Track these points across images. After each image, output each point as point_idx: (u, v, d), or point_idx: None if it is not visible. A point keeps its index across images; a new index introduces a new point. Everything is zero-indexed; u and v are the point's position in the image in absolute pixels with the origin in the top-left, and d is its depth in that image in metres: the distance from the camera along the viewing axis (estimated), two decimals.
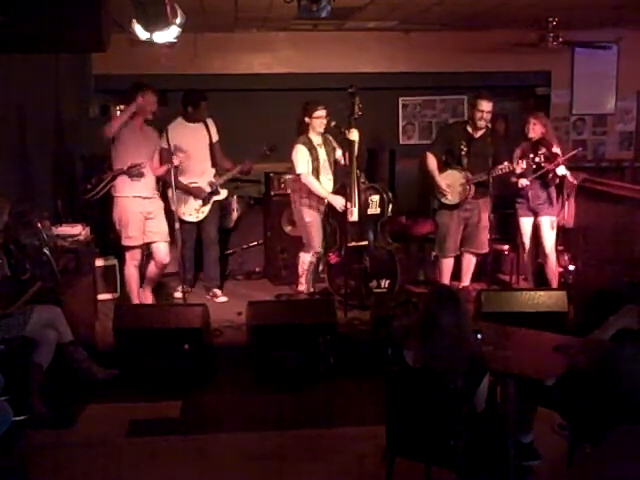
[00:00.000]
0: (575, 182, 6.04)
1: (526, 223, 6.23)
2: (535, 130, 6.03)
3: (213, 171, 6.35)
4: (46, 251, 4.98)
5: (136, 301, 5.90)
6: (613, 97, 8.91)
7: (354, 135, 5.78)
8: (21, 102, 6.06)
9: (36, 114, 6.36)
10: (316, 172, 5.90)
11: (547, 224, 6.11)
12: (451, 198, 6.08)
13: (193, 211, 6.29)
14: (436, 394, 3.16)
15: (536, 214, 6.16)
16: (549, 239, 6.12)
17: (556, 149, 5.98)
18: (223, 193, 6.45)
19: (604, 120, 9.02)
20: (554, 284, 6.10)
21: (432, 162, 6.11)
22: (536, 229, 6.20)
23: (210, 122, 6.43)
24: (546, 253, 6.16)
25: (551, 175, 5.98)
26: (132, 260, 5.83)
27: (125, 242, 5.75)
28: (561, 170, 5.90)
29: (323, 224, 6.06)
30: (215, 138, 6.43)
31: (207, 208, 6.35)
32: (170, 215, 5.96)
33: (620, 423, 3.49)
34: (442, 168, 6.12)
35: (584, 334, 3.85)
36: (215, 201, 6.40)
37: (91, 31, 4.05)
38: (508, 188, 6.28)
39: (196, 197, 6.27)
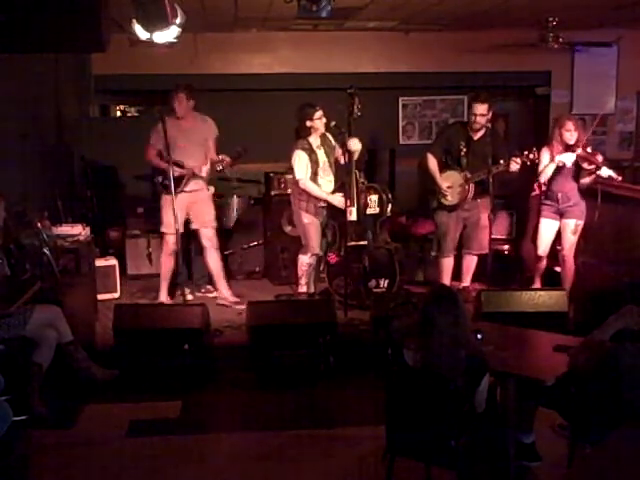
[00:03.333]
0: (619, 178, 5.80)
1: (550, 225, 6.02)
2: (573, 136, 5.76)
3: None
4: (46, 251, 4.98)
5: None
6: (613, 97, 8.92)
7: (355, 145, 5.74)
8: (21, 102, 6.07)
9: (36, 114, 6.37)
10: (315, 175, 5.90)
11: (570, 227, 5.93)
12: (451, 199, 6.08)
13: None
14: (436, 394, 3.16)
15: (562, 215, 5.97)
16: (569, 242, 5.98)
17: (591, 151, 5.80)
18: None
19: (604, 120, 9.02)
20: (568, 285, 5.99)
21: (432, 163, 6.11)
22: (558, 230, 6.03)
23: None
24: (563, 255, 6.03)
25: (588, 175, 5.79)
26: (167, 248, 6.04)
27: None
28: (605, 172, 5.70)
29: (322, 228, 6.05)
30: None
31: None
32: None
33: (620, 423, 3.50)
34: (442, 169, 6.11)
35: (584, 334, 3.85)
36: None
37: (91, 31, 4.06)
38: (508, 188, 6.28)
39: None
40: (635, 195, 5.92)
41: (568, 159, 5.78)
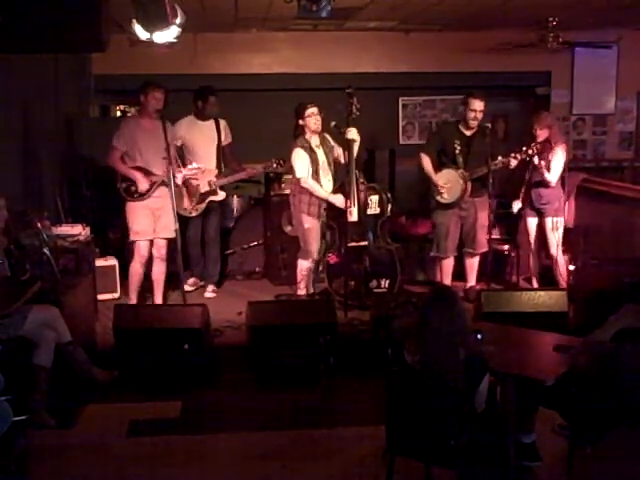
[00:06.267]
0: (516, 160, 5.88)
1: (532, 223, 6.23)
2: (541, 134, 5.94)
3: (215, 171, 6.36)
4: (46, 251, 4.98)
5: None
6: (613, 97, 8.92)
7: (353, 134, 5.77)
8: (21, 102, 6.06)
9: (36, 114, 6.36)
10: (316, 174, 5.89)
11: (549, 225, 6.08)
12: (447, 197, 6.08)
13: (187, 206, 6.30)
14: (436, 394, 3.16)
15: (540, 215, 6.13)
16: (552, 240, 6.09)
17: (556, 145, 5.95)
18: (221, 194, 6.44)
19: (604, 120, 9.03)
20: (563, 284, 6.05)
21: (427, 162, 6.12)
22: (541, 230, 6.17)
23: (223, 124, 6.50)
24: (550, 254, 6.13)
25: (532, 165, 5.93)
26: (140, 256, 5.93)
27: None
28: (536, 160, 5.87)
29: (322, 231, 6.04)
30: (226, 140, 6.53)
31: (202, 206, 6.35)
32: None
33: (620, 423, 3.50)
34: (437, 168, 6.11)
35: (584, 334, 3.85)
36: (213, 201, 6.41)
37: (91, 31, 4.06)
38: (508, 188, 6.28)
39: (190, 195, 6.27)
40: (635, 195, 5.92)
41: (514, 207, 6.15)
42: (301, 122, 5.85)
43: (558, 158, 5.96)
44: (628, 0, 6.26)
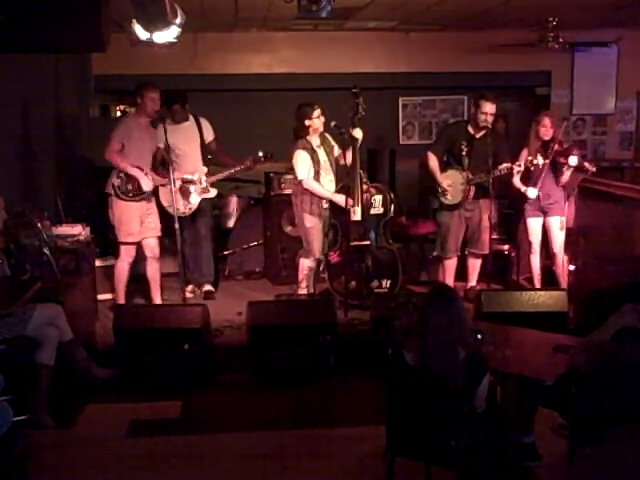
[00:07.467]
0: (593, 169, 5.86)
1: (535, 224, 6.11)
2: (548, 132, 5.87)
3: (205, 169, 6.33)
4: (46, 251, 4.98)
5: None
6: (613, 97, 8.92)
7: (358, 133, 5.77)
8: (21, 102, 6.07)
9: (36, 114, 6.36)
10: (318, 175, 5.88)
11: (557, 224, 6.02)
12: (451, 198, 6.07)
13: (180, 206, 6.27)
14: (436, 394, 3.16)
15: (545, 214, 6.07)
16: (558, 239, 6.06)
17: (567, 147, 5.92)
18: (212, 192, 6.41)
19: (604, 120, 9.03)
20: (564, 284, 6.02)
21: (433, 161, 6.10)
22: (545, 229, 6.13)
23: (204, 121, 6.44)
24: (554, 253, 6.09)
25: (564, 169, 5.85)
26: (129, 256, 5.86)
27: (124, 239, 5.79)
28: (573, 160, 5.74)
29: (325, 229, 6.04)
30: (209, 137, 6.44)
31: (195, 205, 6.32)
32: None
33: (620, 423, 3.50)
34: (443, 168, 6.11)
35: (584, 334, 3.85)
36: (205, 199, 6.39)
37: (91, 31, 4.06)
38: (509, 189, 6.28)
39: (182, 195, 6.25)
40: (635, 195, 5.91)
41: (531, 193, 5.93)
42: (307, 122, 5.83)
43: None
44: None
